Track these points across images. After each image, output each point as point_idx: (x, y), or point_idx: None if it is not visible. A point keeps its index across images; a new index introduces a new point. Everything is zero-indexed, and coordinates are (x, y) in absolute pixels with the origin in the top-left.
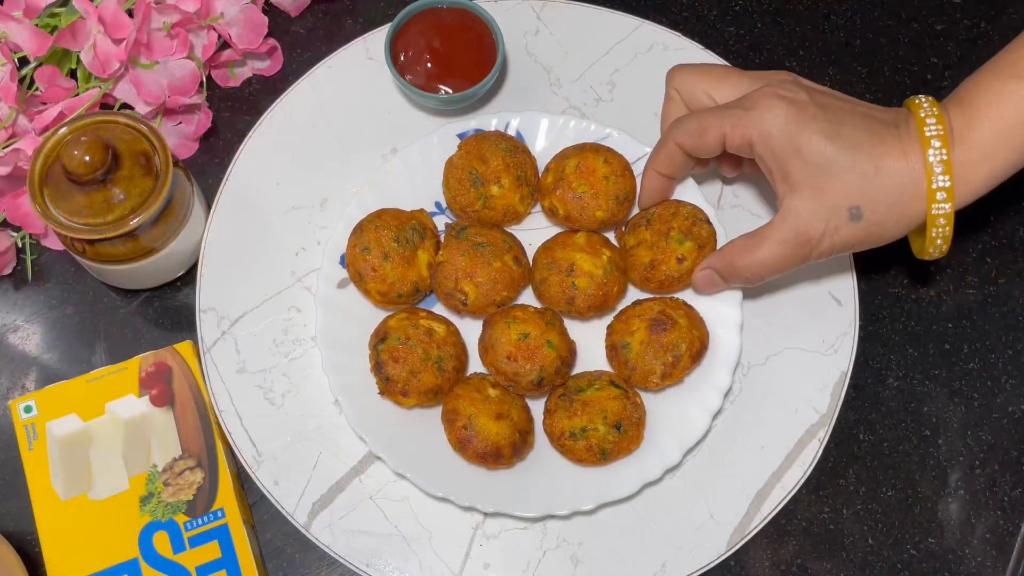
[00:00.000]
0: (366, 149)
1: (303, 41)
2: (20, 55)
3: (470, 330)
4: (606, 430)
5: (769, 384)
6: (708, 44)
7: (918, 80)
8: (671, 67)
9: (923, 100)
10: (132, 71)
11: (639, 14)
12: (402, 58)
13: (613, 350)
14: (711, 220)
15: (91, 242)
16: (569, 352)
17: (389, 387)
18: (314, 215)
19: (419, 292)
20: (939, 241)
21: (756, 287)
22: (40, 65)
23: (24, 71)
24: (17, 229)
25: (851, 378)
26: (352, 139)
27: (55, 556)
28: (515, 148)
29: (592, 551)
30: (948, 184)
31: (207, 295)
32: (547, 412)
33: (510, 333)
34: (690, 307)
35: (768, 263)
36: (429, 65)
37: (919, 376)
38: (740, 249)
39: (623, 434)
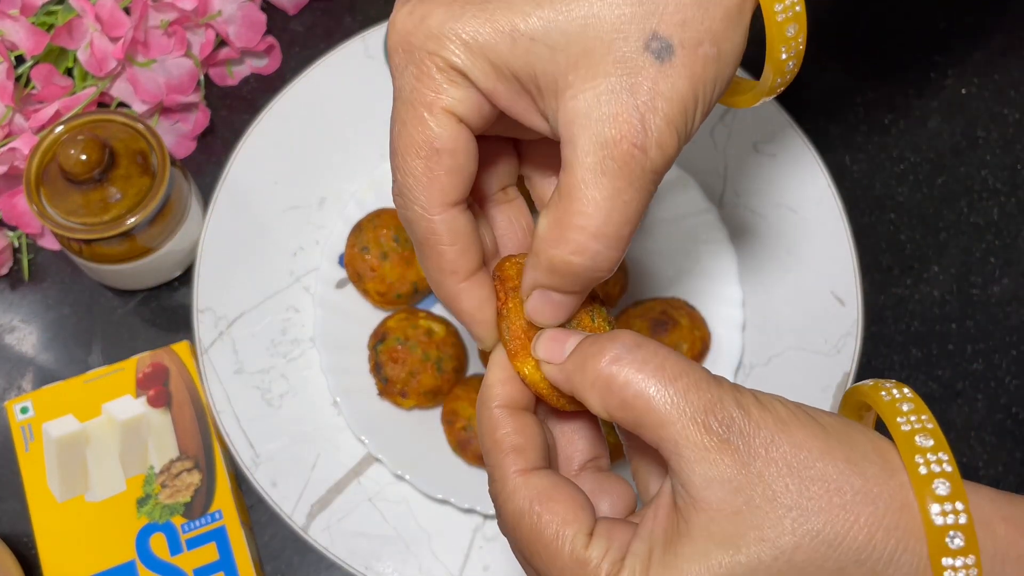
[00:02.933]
0: (365, 148)
1: (301, 39)
2: (16, 53)
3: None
4: (607, 430)
5: (771, 385)
6: None
7: (922, 78)
8: None
9: None
10: (129, 69)
11: None
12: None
13: None
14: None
15: (88, 242)
16: None
17: (388, 388)
18: (312, 214)
19: (418, 292)
20: (790, 62)
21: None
22: (36, 63)
23: (20, 69)
24: (13, 229)
25: (854, 379)
26: (351, 138)
27: (52, 558)
28: None
29: None
30: None
31: (204, 295)
32: None
33: None
34: (692, 307)
35: (602, 214)
36: None
37: (922, 377)
38: (554, 225)
39: None
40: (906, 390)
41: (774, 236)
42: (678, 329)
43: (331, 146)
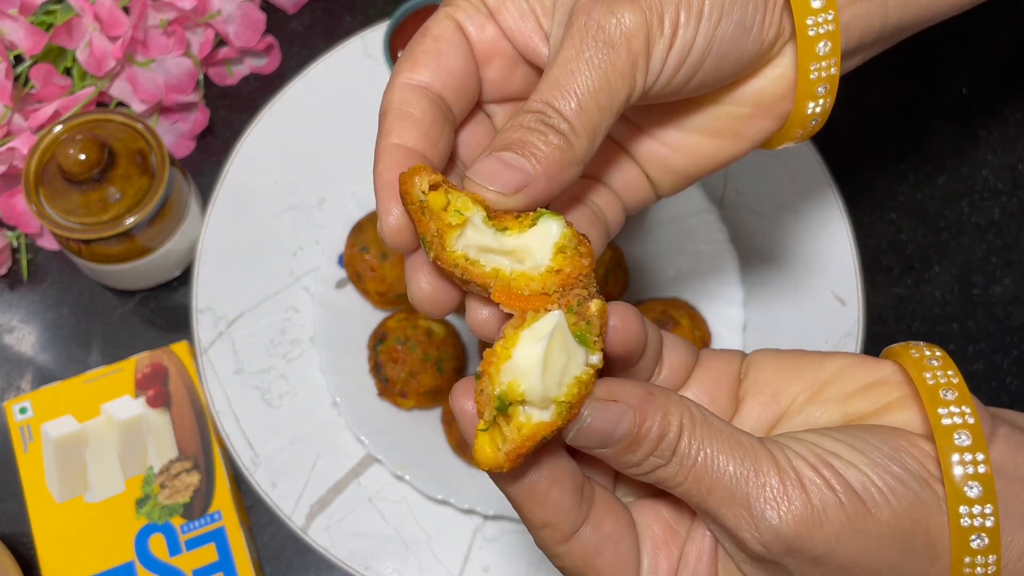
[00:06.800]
0: (364, 147)
1: (301, 38)
2: (15, 53)
3: (470, 330)
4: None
5: None
6: None
7: (923, 78)
8: None
9: None
10: (128, 69)
11: None
12: (400, 55)
13: None
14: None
15: (87, 242)
16: None
17: (388, 388)
18: (312, 214)
19: None
20: (820, 86)
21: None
22: (35, 63)
23: (19, 69)
24: (12, 229)
25: None
26: (350, 137)
27: (51, 559)
28: None
29: None
30: None
31: (204, 295)
32: None
33: None
34: (692, 307)
35: (580, 84)
36: None
37: None
38: (548, 85)
39: None
40: (951, 372)
41: (775, 236)
42: (678, 329)
43: (331, 146)
